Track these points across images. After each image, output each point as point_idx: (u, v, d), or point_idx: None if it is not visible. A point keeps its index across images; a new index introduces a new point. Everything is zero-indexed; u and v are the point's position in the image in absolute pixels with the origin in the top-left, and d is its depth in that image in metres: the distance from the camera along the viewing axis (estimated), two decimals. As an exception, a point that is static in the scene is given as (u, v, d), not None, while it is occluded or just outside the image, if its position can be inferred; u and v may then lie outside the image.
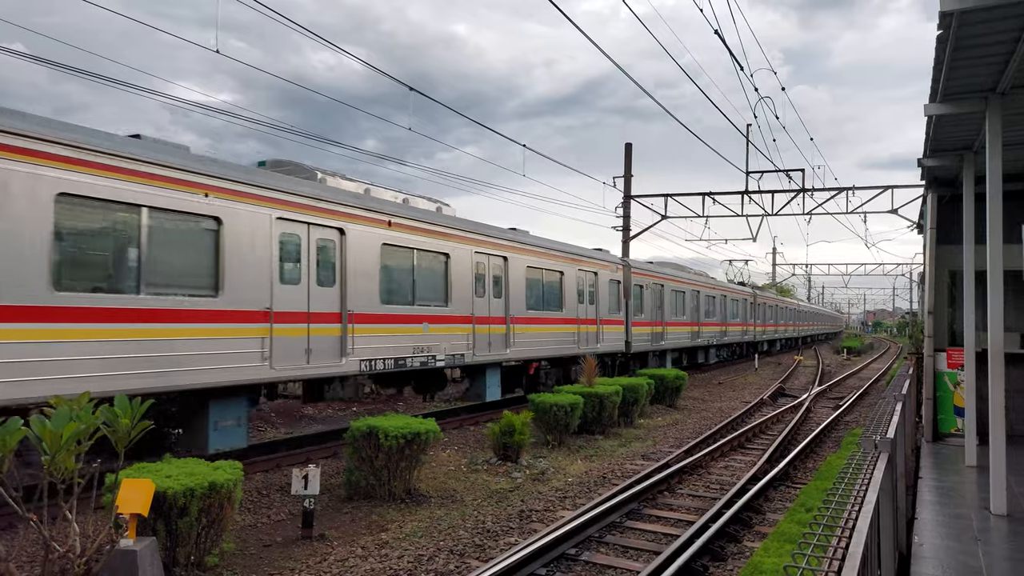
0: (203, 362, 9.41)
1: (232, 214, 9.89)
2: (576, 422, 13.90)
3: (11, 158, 7.54)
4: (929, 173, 11.11)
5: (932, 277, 11.99)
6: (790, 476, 11.58)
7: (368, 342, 12.22)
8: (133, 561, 5.35)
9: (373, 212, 12.51)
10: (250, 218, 10.15)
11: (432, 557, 7.26)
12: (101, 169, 8.39)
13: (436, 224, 14.17)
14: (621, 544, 7.93)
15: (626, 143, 32.65)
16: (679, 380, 20.43)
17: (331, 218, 11.51)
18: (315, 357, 11.13)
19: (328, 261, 11.52)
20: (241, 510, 8.63)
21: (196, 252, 9.54)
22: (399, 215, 13.15)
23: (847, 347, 58.20)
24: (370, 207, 12.48)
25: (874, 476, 3.88)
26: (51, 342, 7.81)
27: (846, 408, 19.94)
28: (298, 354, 10.85)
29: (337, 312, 11.64)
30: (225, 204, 9.82)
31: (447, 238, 14.39)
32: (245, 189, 10.11)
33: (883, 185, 28.26)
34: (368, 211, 12.39)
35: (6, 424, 4.99)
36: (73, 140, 8.13)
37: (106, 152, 8.45)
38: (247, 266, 10.08)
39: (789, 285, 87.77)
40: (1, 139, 7.45)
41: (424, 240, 13.75)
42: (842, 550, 2.67)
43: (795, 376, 32.46)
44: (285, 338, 10.63)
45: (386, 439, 9.17)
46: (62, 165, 8.00)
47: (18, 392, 7.50)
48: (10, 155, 7.53)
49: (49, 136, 7.88)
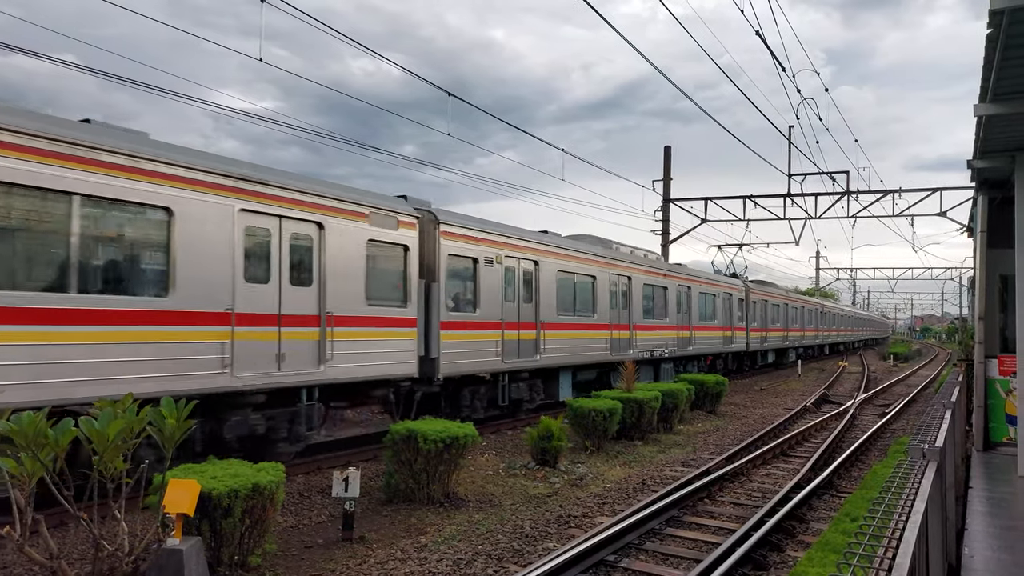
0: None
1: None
2: (615, 427, 13.81)
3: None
4: (979, 175, 10.82)
5: (982, 281, 11.66)
6: (834, 485, 11.35)
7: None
8: (179, 560, 5.46)
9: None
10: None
11: (471, 561, 7.28)
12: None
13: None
14: (661, 551, 7.86)
15: (665, 146, 32.46)
16: (719, 386, 20.18)
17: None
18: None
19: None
20: (283, 511, 8.76)
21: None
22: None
23: (893, 353, 56.87)
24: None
25: (922, 485, 3.78)
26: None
27: (892, 416, 19.48)
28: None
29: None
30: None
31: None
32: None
33: (931, 187, 27.64)
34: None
35: (58, 425, 5.16)
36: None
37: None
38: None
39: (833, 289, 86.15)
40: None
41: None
42: (889, 560, 2.61)
43: (839, 382, 31.82)
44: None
45: (425, 442, 9.22)
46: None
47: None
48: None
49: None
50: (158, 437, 5.69)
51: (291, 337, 10.27)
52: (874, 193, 29.32)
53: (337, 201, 11.14)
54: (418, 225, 12.75)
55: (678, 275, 24.35)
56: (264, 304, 9.91)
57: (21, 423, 4.93)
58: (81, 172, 7.97)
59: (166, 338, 8.70)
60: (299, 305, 10.45)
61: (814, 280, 78.78)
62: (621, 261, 20.29)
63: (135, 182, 8.47)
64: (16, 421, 4.93)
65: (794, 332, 40.46)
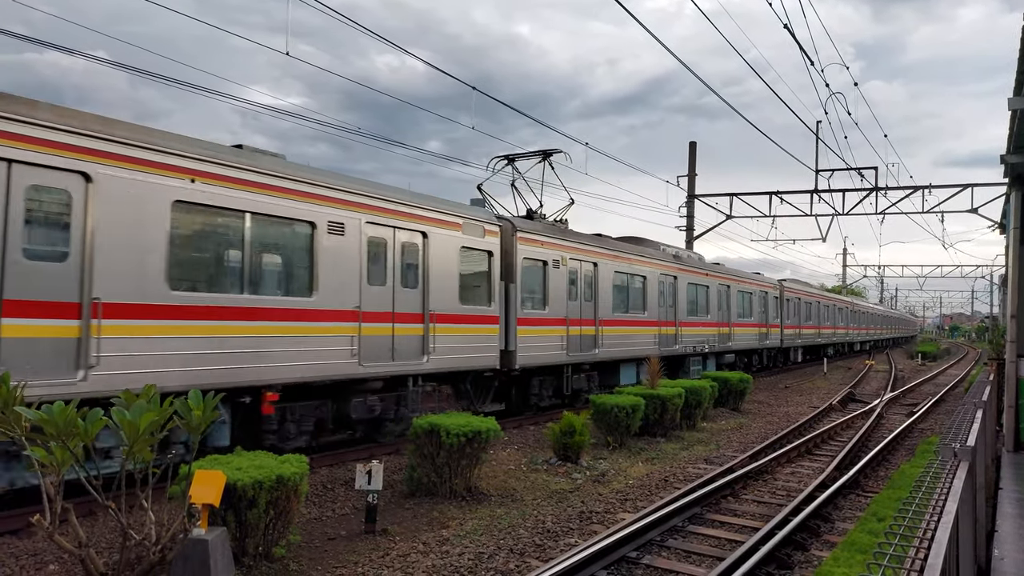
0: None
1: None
2: (637, 424, 13.75)
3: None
4: (1012, 170, 10.61)
5: (1015, 279, 11.44)
6: (860, 484, 11.21)
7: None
8: (205, 550, 5.52)
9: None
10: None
11: (492, 555, 7.29)
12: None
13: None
14: (683, 548, 7.81)
15: (690, 142, 32.22)
16: (743, 383, 20.00)
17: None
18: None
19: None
20: (307, 503, 8.83)
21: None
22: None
23: (922, 352, 55.99)
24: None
25: (954, 485, 3.71)
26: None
27: (920, 415, 19.20)
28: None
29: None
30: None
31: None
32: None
33: (962, 183, 27.17)
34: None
35: (88, 415, 5.23)
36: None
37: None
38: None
39: (860, 287, 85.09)
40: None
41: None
42: (920, 561, 2.56)
43: (866, 381, 31.41)
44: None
45: (447, 437, 9.24)
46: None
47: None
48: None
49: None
50: (184, 428, 5.75)
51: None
52: (903, 189, 28.86)
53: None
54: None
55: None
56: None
57: (52, 413, 5.00)
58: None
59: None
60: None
61: (841, 277, 77.84)
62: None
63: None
64: (47, 411, 5.01)
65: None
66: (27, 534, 7.26)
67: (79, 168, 7.85)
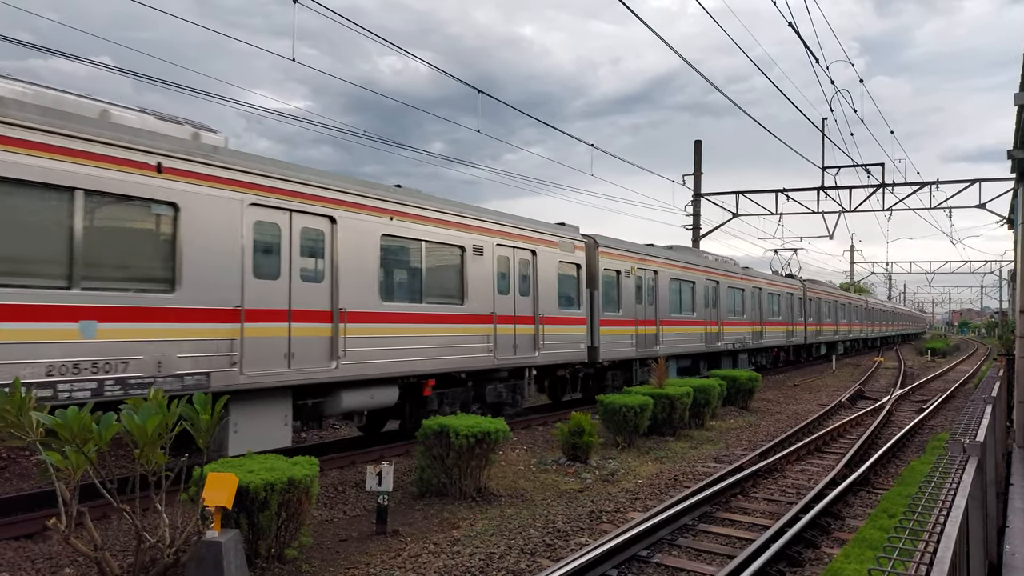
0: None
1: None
2: (646, 423, 13.75)
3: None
4: (1019, 165, 10.58)
5: (1023, 274, 11.40)
6: (871, 481, 11.19)
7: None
8: (218, 552, 5.57)
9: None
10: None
11: (503, 555, 7.31)
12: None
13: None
14: (694, 547, 7.82)
15: (695, 140, 32.18)
16: (752, 382, 19.97)
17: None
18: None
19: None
20: (318, 505, 8.88)
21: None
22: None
23: (931, 348, 55.70)
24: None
25: (963, 480, 3.72)
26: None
27: (930, 412, 19.13)
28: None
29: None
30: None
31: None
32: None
33: (969, 179, 27.05)
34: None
35: (102, 418, 5.28)
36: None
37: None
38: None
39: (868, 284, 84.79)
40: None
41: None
42: (929, 555, 2.58)
43: (875, 378, 31.31)
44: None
45: (456, 437, 9.27)
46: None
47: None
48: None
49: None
50: (192, 431, 5.80)
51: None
52: (910, 185, 28.78)
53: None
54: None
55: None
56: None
57: (66, 417, 5.06)
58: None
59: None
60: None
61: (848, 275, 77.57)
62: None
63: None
64: (61, 416, 5.06)
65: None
66: (42, 537, 7.33)
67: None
